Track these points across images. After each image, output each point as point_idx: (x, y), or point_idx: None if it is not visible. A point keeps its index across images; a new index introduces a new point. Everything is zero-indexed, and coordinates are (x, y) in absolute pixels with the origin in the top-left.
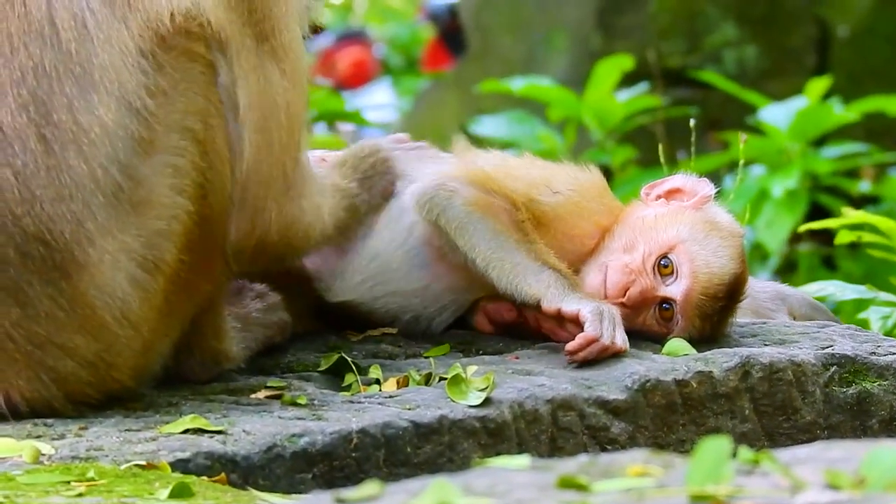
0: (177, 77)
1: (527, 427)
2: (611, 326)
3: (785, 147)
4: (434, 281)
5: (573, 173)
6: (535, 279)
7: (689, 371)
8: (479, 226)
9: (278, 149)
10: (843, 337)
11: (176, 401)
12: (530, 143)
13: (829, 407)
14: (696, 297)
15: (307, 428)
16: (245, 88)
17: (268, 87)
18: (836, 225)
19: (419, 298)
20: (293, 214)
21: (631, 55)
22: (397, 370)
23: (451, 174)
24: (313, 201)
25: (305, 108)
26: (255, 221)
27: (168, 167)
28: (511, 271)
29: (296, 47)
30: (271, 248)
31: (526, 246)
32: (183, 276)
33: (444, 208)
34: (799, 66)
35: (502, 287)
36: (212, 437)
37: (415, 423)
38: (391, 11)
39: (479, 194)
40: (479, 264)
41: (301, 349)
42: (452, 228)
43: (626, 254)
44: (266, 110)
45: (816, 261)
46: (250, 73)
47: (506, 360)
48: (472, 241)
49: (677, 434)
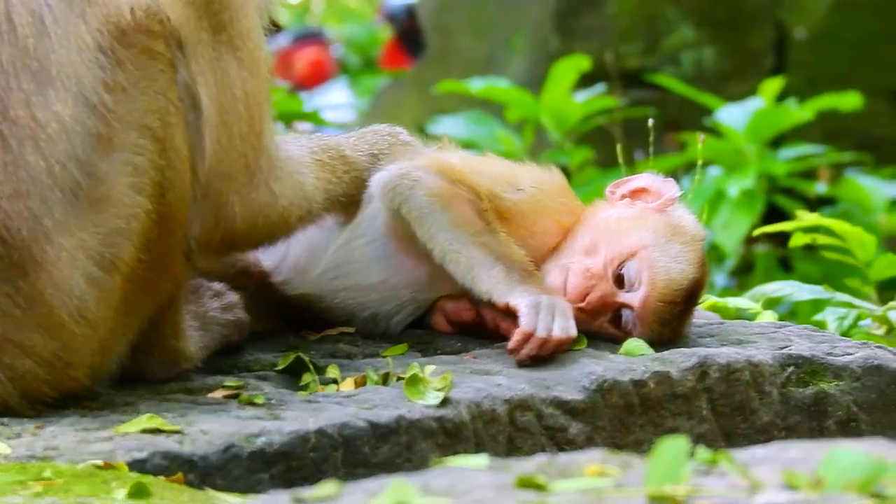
0: (136, 74)
1: (484, 427)
2: (548, 317)
3: (741, 148)
4: (394, 275)
5: (536, 173)
6: (486, 274)
7: (646, 371)
8: (439, 217)
9: (239, 141)
10: (800, 337)
11: (133, 400)
12: (489, 143)
13: (786, 407)
14: (654, 303)
15: (264, 428)
16: (205, 85)
17: (226, 80)
18: (790, 228)
19: (378, 294)
20: (261, 202)
21: (590, 57)
22: (355, 370)
23: (417, 164)
24: (290, 182)
25: (267, 95)
26: (217, 216)
27: (127, 165)
28: (466, 265)
29: (254, 36)
30: (241, 239)
31: (484, 238)
32: (141, 275)
33: (406, 197)
34: (757, 67)
35: (459, 281)
36: (169, 437)
37: (372, 423)
38: (349, 12)
39: (443, 184)
40: (437, 256)
41: (259, 348)
42: (413, 218)
43: (587, 257)
44: (225, 104)
45: (773, 262)
46: (208, 68)
47: (464, 360)
48: (430, 232)
49: (635, 435)
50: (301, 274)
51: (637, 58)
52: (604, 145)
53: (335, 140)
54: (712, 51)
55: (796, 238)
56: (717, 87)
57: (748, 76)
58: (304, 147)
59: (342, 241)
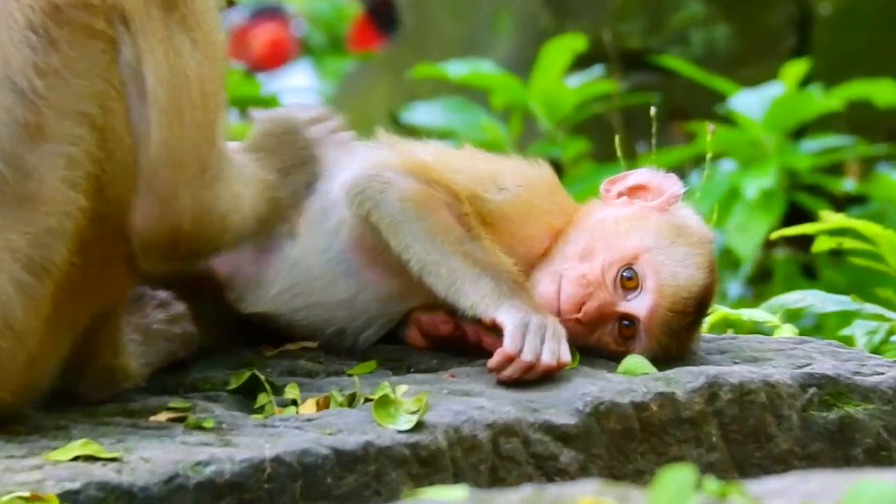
0: (72, 55)
1: (464, 455)
2: (536, 340)
3: (759, 139)
4: (362, 290)
5: (520, 168)
6: (471, 287)
7: (648, 392)
8: (415, 225)
9: (192, 129)
10: (823, 354)
11: (65, 423)
12: (471, 133)
13: (806, 434)
14: (662, 313)
15: (214, 455)
16: (152, 64)
17: (178, 61)
18: (814, 230)
19: (345, 311)
20: (209, 202)
21: (585, 36)
22: (317, 389)
23: (386, 163)
24: (232, 189)
25: (221, 83)
26: (165, 210)
27: (60, 157)
28: (447, 278)
29: (209, 17)
30: (185, 241)
31: (466, 247)
32: (75, 282)
33: (377, 202)
34: (776, 48)
35: (440, 295)
36: (105, 466)
37: (336, 450)
38: None
39: (417, 186)
40: (414, 268)
41: (208, 365)
42: (385, 226)
43: (583, 262)
44: (177, 86)
45: (794, 269)
46: (158, 47)
47: (441, 379)
48: (405, 242)
49: (635, 464)
50: (255, 291)
51: (639, 37)
52: (601, 136)
53: (242, 158)
54: (725, 29)
55: (820, 242)
56: (731, 71)
57: (766, 58)
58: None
59: (296, 257)
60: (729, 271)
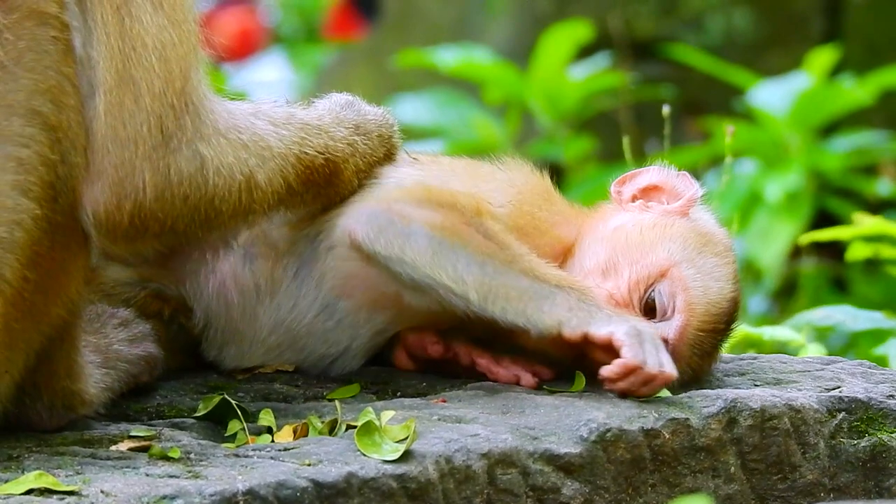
0: (20, 46)
1: (456, 488)
2: (653, 349)
3: (783, 137)
4: (351, 332)
5: (506, 177)
6: (549, 304)
7: (660, 418)
8: (458, 253)
9: (149, 100)
10: (853, 376)
11: (17, 453)
12: (461, 131)
13: (835, 463)
14: (693, 333)
15: (181, 488)
16: (102, 39)
17: (135, 28)
18: (847, 236)
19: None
20: (182, 169)
21: (590, 22)
22: (294, 416)
23: (388, 197)
24: (229, 142)
25: (193, 46)
26: (121, 192)
27: (9, 161)
28: (518, 300)
29: None
30: (153, 216)
31: (520, 264)
32: (27, 298)
33: (406, 238)
34: (803, 35)
35: (509, 321)
36: (62, 500)
37: (316, 482)
38: None
39: (437, 213)
40: (474, 301)
41: (175, 390)
42: (424, 263)
43: (606, 278)
44: (128, 57)
45: (823, 281)
46: (112, 16)
47: (430, 404)
48: (455, 274)
49: (645, 497)
50: (237, 347)
51: (650, 23)
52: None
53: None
54: (746, 14)
55: (853, 250)
56: (752, 60)
57: (791, 46)
58: (263, 107)
59: (278, 319)
60: (751, 284)
